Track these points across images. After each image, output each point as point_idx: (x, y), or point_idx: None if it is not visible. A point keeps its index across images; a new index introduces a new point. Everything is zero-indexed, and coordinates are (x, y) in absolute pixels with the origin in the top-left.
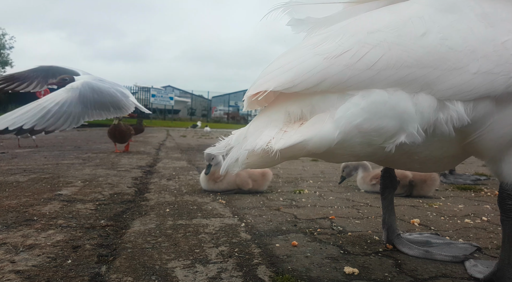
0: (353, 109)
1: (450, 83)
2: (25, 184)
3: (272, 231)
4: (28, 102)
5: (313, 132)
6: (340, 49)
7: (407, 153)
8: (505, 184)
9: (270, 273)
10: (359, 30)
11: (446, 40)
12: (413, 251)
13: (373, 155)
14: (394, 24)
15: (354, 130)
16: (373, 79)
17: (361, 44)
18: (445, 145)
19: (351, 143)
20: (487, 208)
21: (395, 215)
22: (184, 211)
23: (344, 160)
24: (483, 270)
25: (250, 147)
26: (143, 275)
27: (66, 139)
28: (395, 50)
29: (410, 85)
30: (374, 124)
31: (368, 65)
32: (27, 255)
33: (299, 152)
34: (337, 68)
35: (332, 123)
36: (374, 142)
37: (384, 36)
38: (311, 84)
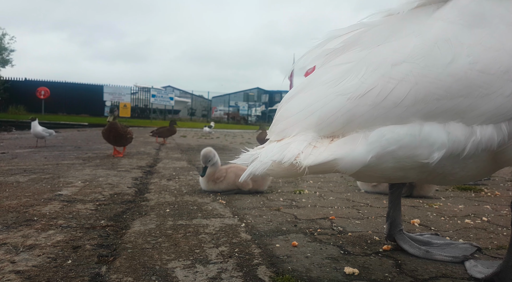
0: (389, 136)
1: (482, 110)
2: (25, 184)
3: (272, 231)
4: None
5: (345, 152)
6: (364, 87)
7: (441, 175)
8: None
9: (270, 274)
10: (382, 61)
11: (476, 64)
12: (413, 250)
13: (405, 178)
14: (419, 52)
15: (388, 156)
16: (401, 116)
17: (385, 79)
18: (481, 164)
19: (383, 167)
20: (487, 208)
21: (401, 211)
22: (184, 212)
23: (373, 180)
24: (483, 270)
25: (276, 158)
26: (143, 275)
27: (66, 139)
28: (422, 83)
29: (440, 116)
30: (408, 153)
31: (395, 102)
32: (27, 255)
33: (328, 170)
34: (363, 109)
35: (366, 145)
36: (406, 167)
37: (409, 68)
38: (337, 127)
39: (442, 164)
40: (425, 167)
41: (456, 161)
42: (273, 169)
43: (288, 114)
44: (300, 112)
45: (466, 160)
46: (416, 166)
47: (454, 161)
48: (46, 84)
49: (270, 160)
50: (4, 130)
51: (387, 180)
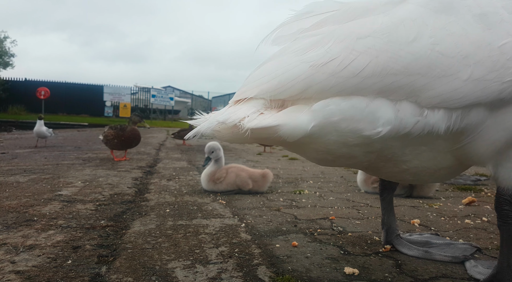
0: (333, 107)
1: (438, 90)
2: (25, 184)
3: (272, 231)
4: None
5: (288, 119)
6: (327, 56)
7: (391, 160)
8: (501, 189)
9: (270, 274)
10: (348, 35)
11: (437, 45)
12: (413, 252)
13: (353, 158)
14: (385, 28)
15: (330, 127)
16: (357, 86)
17: (348, 50)
18: (438, 155)
19: (326, 140)
20: (487, 208)
21: (395, 216)
22: (184, 212)
23: (320, 157)
24: (483, 271)
25: (222, 119)
26: (143, 276)
27: (66, 140)
28: (382, 57)
29: (395, 92)
30: (351, 126)
31: (354, 73)
32: (27, 256)
33: (270, 135)
34: (322, 76)
35: (309, 114)
36: (349, 143)
37: (373, 42)
38: (295, 92)
39: (389, 145)
40: (370, 145)
41: (405, 144)
42: (218, 130)
43: (253, 79)
44: (264, 77)
45: (419, 146)
46: (361, 143)
47: (403, 143)
48: (46, 84)
49: (216, 120)
50: (4, 130)
51: (335, 159)
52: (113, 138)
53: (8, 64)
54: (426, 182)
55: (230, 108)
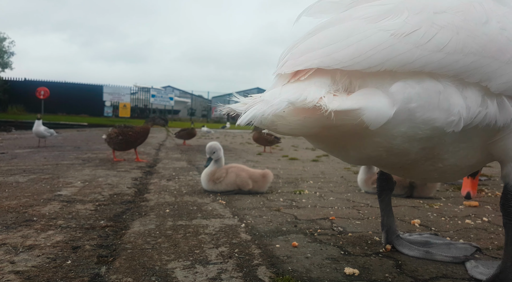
0: (411, 90)
1: (507, 77)
2: (24, 184)
3: (272, 231)
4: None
5: (370, 102)
6: (408, 26)
7: (432, 158)
8: (510, 185)
9: (270, 274)
10: (423, 8)
11: (505, 30)
12: (413, 252)
13: (404, 156)
14: (458, 6)
15: (405, 114)
16: (441, 62)
17: (429, 23)
18: (469, 153)
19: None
20: (487, 208)
21: (394, 216)
22: (184, 212)
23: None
24: (484, 271)
25: (294, 99)
26: (143, 276)
27: (66, 140)
28: (462, 35)
29: (472, 75)
30: (426, 115)
31: (438, 47)
32: (26, 256)
33: (352, 120)
34: (406, 47)
35: (389, 97)
36: (417, 136)
37: (451, 18)
38: (374, 63)
39: (444, 140)
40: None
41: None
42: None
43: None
44: (333, 44)
45: (460, 143)
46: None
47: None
48: (46, 84)
49: (285, 100)
50: (4, 130)
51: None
52: (117, 135)
53: (7, 64)
54: (446, 180)
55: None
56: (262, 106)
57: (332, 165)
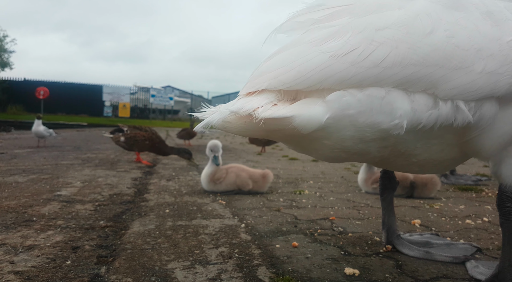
0: (349, 98)
1: (455, 82)
2: (24, 184)
3: (272, 232)
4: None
5: (302, 110)
6: (347, 46)
7: (403, 154)
8: (504, 186)
9: (270, 274)
10: (366, 26)
11: (453, 37)
12: (414, 252)
13: (367, 154)
14: (403, 21)
15: (346, 120)
16: (378, 77)
17: (368, 41)
18: (446, 148)
19: (342, 135)
20: (488, 209)
21: (395, 216)
22: (183, 212)
23: (333, 155)
24: (484, 271)
25: (235, 109)
26: (142, 276)
27: (66, 140)
28: (402, 48)
29: (414, 84)
30: (369, 120)
31: (375, 63)
32: (26, 256)
33: (284, 127)
34: (342, 66)
35: (323, 105)
36: (366, 138)
37: (392, 33)
38: (313, 82)
39: (404, 139)
40: (386, 139)
41: (418, 138)
42: (230, 121)
43: (267, 70)
44: (281, 68)
45: (431, 139)
46: (378, 138)
47: (417, 137)
48: (45, 84)
49: (228, 110)
50: (3, 130)
51: (349, 156)
52: (145, 140)
53: (6, 64)
54: (428, 172)
55: (242, 99)
56: (216, 115)
57: (332, 165)
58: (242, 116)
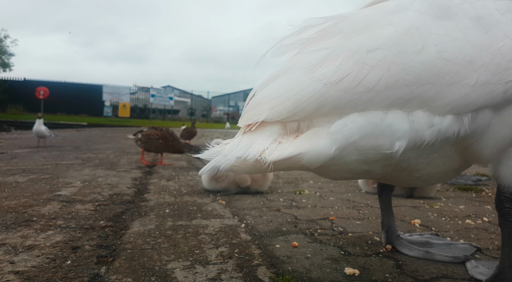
0: (351, 126)
1: (448, 98)
2: (24, 184)
3: (272, 232)
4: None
5: (309, 146)
6: (340, 73)
7: (406, 170)
8: (502, 186)
9: (270, 274)
10: (358, 48)
11: (443, 52)
12: (413, 252)
13: (371, 173)
14: (393, 39)
15: (351, 147)
16: (372, 101)
17: (360, 65)
18: (447, 160)
19: (347, 160)
20: (488, 208)
21: (394, 216)
22: (183, 212)
23: (339, 176)
24: (484, 271)
25: (240, 155)
26: (142, 276)
27: (66, 140)
28: (394, 70)
29: (408, 104)
30: (371, 143)
31: (368, 87)
32: (26, 256)
33: (293, 165)
34: (336, 94)
35: (329, 138)
36: (369, 160)
37: (383, 55)
38: (310, 112)
39: (406, 157)
40: (389, 159)
41: (420, 154)
42: (237, 165)
43: (263, 100)
44: (276, 98)
45: (431, 154)
46: (380, 158)
47: (418, 153)
48: (45, 84)
49: (234, 156)
50: (3, 130)
51: (353, 176)
52: (158, 138)
53: (7, 65)
54: (434, 184)
55: (244, 139)
56: (220, 158)
57: None
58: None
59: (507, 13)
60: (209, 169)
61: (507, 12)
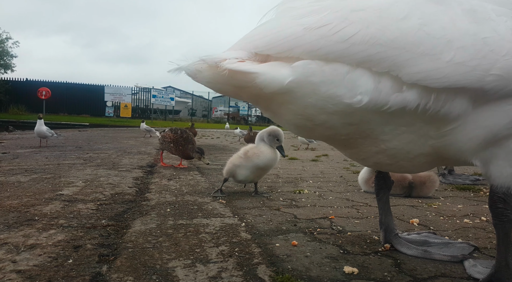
0: (313, 66)
1: (420, 67)
2: (26, 184)
3: (272, 230)
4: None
5: (267, 70)
6: (321, 22)
7: (370, 137)
8: (495, 187)
9: (270, 273)
10: (344, 7)
11: (425, 25)
12: (412, 251)
13: (332, 128)
14: (380, 5)
15: (309, 87)
16: (344, 52)
17: (341, 19)
18: (418, 140)
19: (305, 102)
20: (486, 208)
21: (392, 215)
22: (184, 211)
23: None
24: (482, 270)
25: (204, 57)
26: (144, 275)
27: (68, 140)
28: (372, 28)
29: (378, 64)
30: (330, 91)
31: (343, 38)
32: (28, 255)
33: (247, 83)
34: (312, 37)
35: (289, 69)
36: (328, 109)
37: (366, 15)
38: (284, 49)
39: (369, 119)
40: (349, 116)
41: (386, 121)
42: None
43: (248, 36)
44: (258, 34)
45: (399, 126)
46: (339, 111)
47: (383, 120)
48: (47, 84)
49: (198, 57)
50: (5, 130)
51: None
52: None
53: (9, 66)
54: (403, 169)
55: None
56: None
57: (331, 165)
58: (211, 66)
59: (502, 16)
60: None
61: (502, 15)
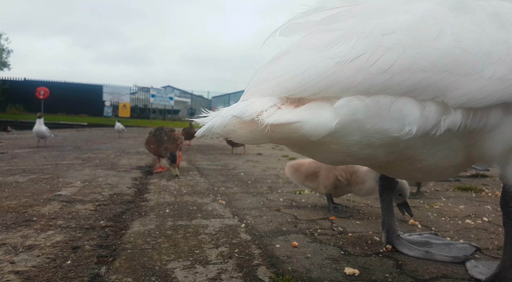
0: (357, 102)
1: (464, 89)
2: (24, 184)
3: (272, 231)
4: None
5: (311, 116)
6: (354, 52)
7: (409, 159)
8: (508, 186)
9: (270, 274)
10: (372, 31)
11: (460, 42)
12: (413, 252)
13: (373, 159)
14: (409, 25)
15: (354, 125)
16: (386, 84)
17: (375, 46)
18: (451, 154)
19: (349, 141)
20: (488, 208)
21: (394, 216)
22: (184, 212)
23: (338, 159)
24: (484, 271)
25: (237, 113)
26: (142, 276)
27: (66, 140)
28: (409, 53)
29: (423, 92)
30: (376, 125)
31: (382, 68)
32: (26, 256)
33: (292, 134)
34: (349, 72)
35: (332, 111)
36: (374, 144)
37: (398, 38)
38: (318, 90)
39: (412, 144)
40: (394, 146)
41: (426, 143)
42: (233, 129)
43: (269, 76)
44: (284, 74)
45: (437, 145)
46: (385, 143)
47: (424, 143)
48: (46, 84)
49: (230, 114)
50: (3, 130)
51: (353, 160)
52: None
53: (5, 64)
54: (433, 179)
55: (243, 102)
56: (217, 119)
57: None
58: (246, 122)
59: None
60: (204, 130)
61: None
